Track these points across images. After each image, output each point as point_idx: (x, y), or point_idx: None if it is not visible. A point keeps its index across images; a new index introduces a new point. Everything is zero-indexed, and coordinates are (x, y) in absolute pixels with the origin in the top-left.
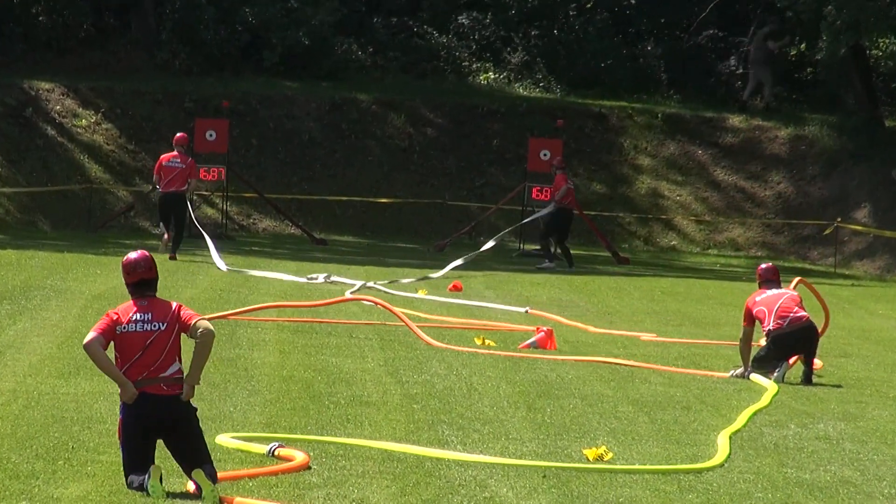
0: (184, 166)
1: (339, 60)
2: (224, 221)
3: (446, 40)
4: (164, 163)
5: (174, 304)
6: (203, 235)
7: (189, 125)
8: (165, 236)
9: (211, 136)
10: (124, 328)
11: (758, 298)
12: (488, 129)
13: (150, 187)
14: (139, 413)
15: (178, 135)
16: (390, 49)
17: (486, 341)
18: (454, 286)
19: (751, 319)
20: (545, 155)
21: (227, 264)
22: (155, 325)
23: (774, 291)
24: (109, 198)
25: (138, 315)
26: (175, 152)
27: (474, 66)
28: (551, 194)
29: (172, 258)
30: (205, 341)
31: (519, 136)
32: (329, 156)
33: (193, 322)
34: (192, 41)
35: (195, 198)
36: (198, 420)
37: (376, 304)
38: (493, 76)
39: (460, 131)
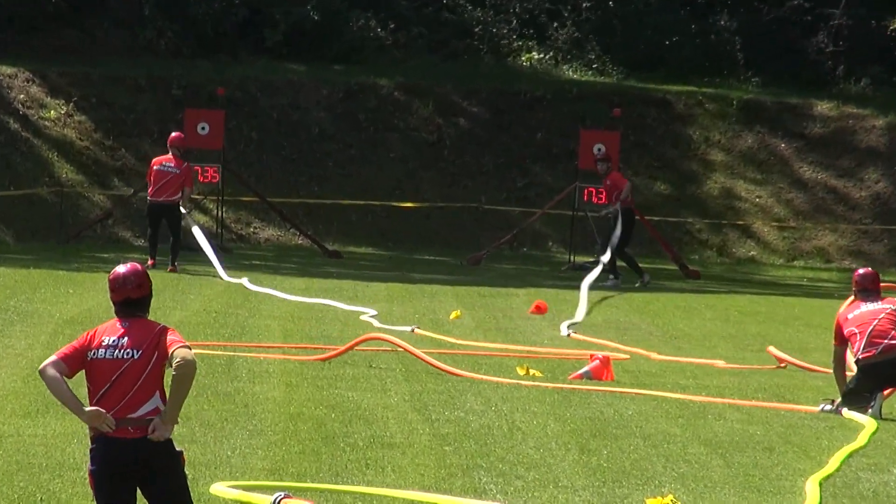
0: (178, 171)
1: (355, 39)
2: (219, 231)
3: (482, 14)
4: (155, 167)
5: (157, 328)
6: (203, 247)
7: (177, 116)
8: (150, 262)
9: (203, 129)
10: (95, 354)
11: (850, 315)
12: (532, 120)
13: (132, 191)
14: (105, 460)
15: (173, 135)
16: (415, 25)
17: (531, 371)
18: (537, 307)
19: (842, 338)
20: (599, 150)
21: (247, 281)
22: (127, 353)
23: (871, 307)
24: (83, 203)
25: (112, 339)
26: (169, 155)
27: (515, 44)
28: (610, 195)
29: (173, 270)
30: (183, 373)
31: (568, 127)
32: (343, 152)
33: (171, 350)
34: (180, 18)
35: (189, 207)
36: (181, 466)
37: (396, 345)
38: (537, 56)
39: (499, 122)
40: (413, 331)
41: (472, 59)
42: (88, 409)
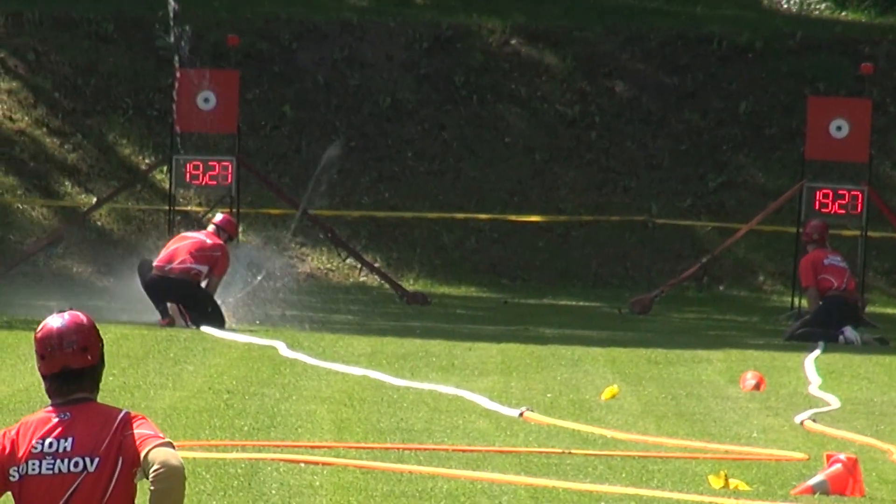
0: (207, 241)
1: None
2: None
3: None
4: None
5: (118, 417)
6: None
7: (165, 82)
8: (162, 320)
9: (207, 102)
10: (24, 469)
11: None
12: (731, 83)
13: (94, 200)
14: None
15: (221, 217)
16: None
17: (731, 481)
18: (756, 380)
19: None
20: (839, 129)
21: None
22: (76, 463)
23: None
24: (16, 221)
25: (49, 442)
26: (205, 230)
27: None
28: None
29: (168, 323)
30: (164, 489)
31: (788, 92)
32: (428, 136)
33: (145, 451)
34: None
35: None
36: None
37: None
38: None
39: (677, 87)
40: (521, 415)
41: None
42: None
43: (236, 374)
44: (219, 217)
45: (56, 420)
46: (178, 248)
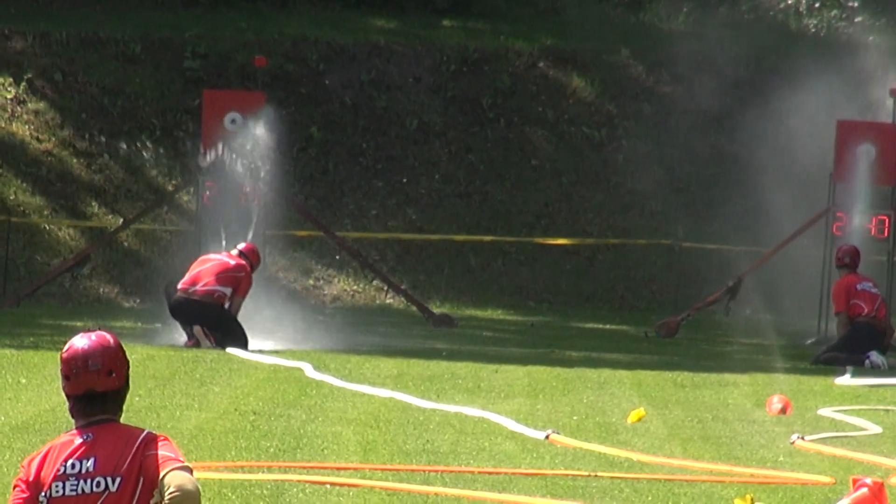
0: (231, 262)
1: None
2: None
3: None
4: (201, 257)
5: (140, 437)
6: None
7: (192, 102)
8: (188, 342)
9: (234, 122)
10: (51, 493)
11: None
12: (756, 105)
13: (120, 221)
14: None
15: (246, 245)
16: None
17: None
18: (783, 404)
19: None
20: (869, 153)
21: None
22: (98, 483)
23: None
24: (43, 241)
25: (72, 464)
26: (229, 252)
27: None
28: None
29: (194, 344)
30: None
31: (817, 116)
32: (455, 158)
33: (163, 473)
34: None
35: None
36: None
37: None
38: (767, 2)
39: (702, 107)
40: (548, 437)
41: (664, 8)
42: None
43: (262, 395)
44: (243, 244)
45: (79, 441)
46: (202, 271)
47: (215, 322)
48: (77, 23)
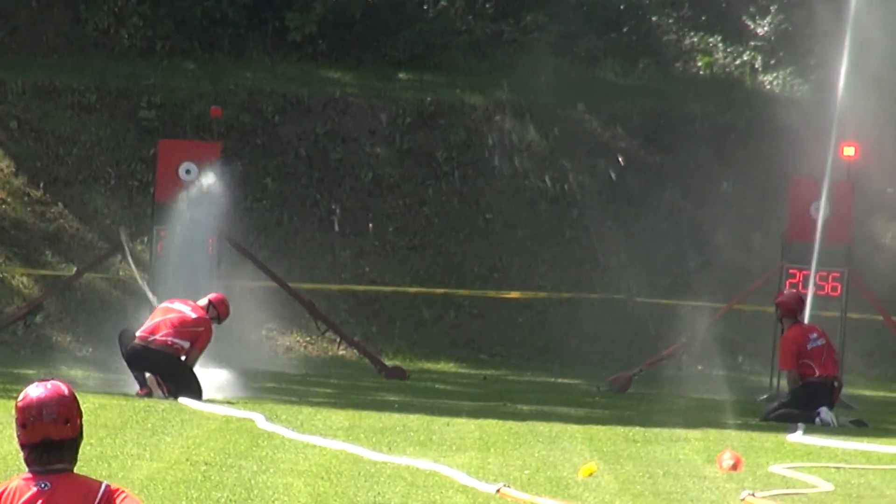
0: (194, 316)
1: (431, 31)
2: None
3: None
4: (164, 304)
5: (99, 490)
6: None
7: (149, 151)
8: (140, 390)
9: (189, 173)
10: None
11: None
12: (712, 160)
13: (74, 270)
14: None
15: (216, 295)
16: (528, 9)
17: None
18: (734, 460)
19: None
20: (816, 210)
21: (260, 417)
22: None
23: None
24: None
25: None
26: (194, 302)
27: (686, 41)
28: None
29: (146, 394)
30: None
31: (770, 172)
32: (410, 211)
33: None
34: None
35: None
36: None
37: None
38: (723, 60)
39: (656, 164)
40: (498, 491)
41: (620, 64)
42: None
43: (214, 445)
44: (214, 294)
45: (35, 490)
46: (163, 322)
47: (171, 372)
48: (33, 71)
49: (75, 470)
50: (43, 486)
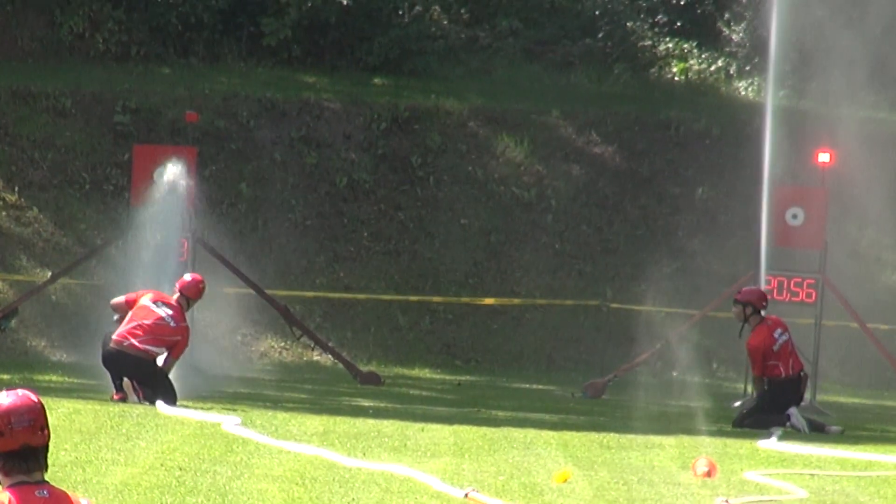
0: (173, 325)
1: (406, 36)
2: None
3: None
4: (143, 298)
5: None
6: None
7: (124, 156)
8: (115, 395)
9: (163, 177)
10: None
11: None
12: (688, 168)
13: (49, 275)
14: None
15: (191, 279)
16: (503, 14)
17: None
18: (709, 467)
19: None
20: (795, 217)
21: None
22: None
23: None
24: None
25: None
26: (172, 299)
27: (661, 47)
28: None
29: (121, 398)
30: None
31: (745, 179)
32: (384, 217)
33: None
34: None
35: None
36: None
37: None
38: (697, 67)
39: (633, 171)
40: (466, 496)
41: (594, 69)
42: None
43: (188, 450)
44: (184, 279)
45: (39, 498)
46: (140, 326)
47: (146, 377)
48: (8, 76)
49: (49, 475)
50: (42, 494)
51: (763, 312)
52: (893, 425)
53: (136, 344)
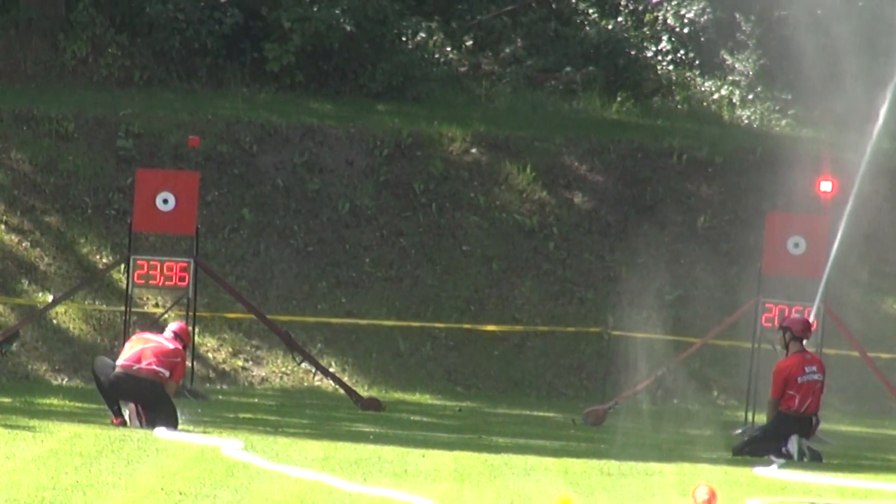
0: (170, 347)
1: (410, 63)
2: (190, 363)
3: (614, 26)
4: (135, 336)
5: None
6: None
7: (126, 181)
8: (115, 419)
9: (166, 203)
10: None
11: None
12: (689, 196)
13: (50, 299)
14: None
15: (179, 325)
16: (506, 42)
17: None
18: (709, 495)
19: None
20: (796, 246)
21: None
22: None
23: None
24: None
25: None
26: (164, 334)
27: (664, 75)
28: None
29: (120, 423)
30: None
31: (747, 207)
32: (386, 243)
33: None
34: (131, 24)
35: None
36: None
37: None
38: (700, 93)
39: (637, 199)
40: None
41: (597, 97)
42: None
43: (189, 475)
44: (176, 325)
45: None
46: (145, 350)
47: (154, 400)
48: (11, 99)
49: (50, 497)
50: None
51: (805, 342)
52: (894, 454)
53: (146, 367)
